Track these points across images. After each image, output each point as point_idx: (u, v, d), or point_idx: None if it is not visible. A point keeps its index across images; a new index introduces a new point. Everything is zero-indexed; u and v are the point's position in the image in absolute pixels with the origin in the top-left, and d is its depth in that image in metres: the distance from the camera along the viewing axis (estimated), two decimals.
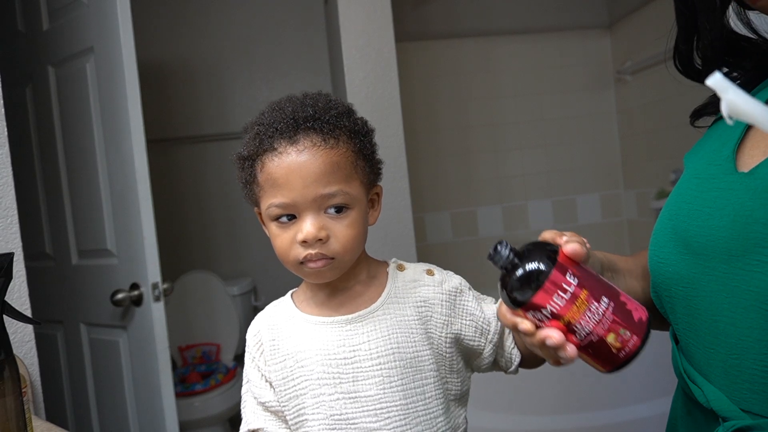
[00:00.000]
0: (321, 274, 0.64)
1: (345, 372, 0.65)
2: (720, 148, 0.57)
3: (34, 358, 1.26)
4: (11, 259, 0.81)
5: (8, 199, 1.24)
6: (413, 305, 0.68)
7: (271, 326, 0.71)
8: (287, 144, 0.63)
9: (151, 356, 1.53)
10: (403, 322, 0.67)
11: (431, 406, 0.66)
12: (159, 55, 2.73)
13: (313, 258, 0.62)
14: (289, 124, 0.63)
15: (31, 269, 1.32)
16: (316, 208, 0.62)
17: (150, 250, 1.51)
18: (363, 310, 0.67)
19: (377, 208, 0.71)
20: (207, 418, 2.28)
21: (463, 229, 2.95)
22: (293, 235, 0.63)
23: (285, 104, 0.67)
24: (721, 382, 0.53)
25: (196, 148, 2.82)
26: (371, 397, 0.64)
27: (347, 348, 0.66)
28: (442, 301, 0.69)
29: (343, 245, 0.63)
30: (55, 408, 1.85)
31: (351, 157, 0.64)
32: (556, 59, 2.94)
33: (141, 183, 1.51)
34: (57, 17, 1.70)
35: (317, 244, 0.62)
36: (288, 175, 0.62)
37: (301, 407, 0.67)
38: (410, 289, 0.69)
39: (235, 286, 2.66)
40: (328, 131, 0.63)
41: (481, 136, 2.93)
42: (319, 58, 2.81)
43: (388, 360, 0.65)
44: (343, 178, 0.63)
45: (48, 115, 1.77)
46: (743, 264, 0.49)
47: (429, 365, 0.66)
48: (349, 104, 0.69)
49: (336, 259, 0.63)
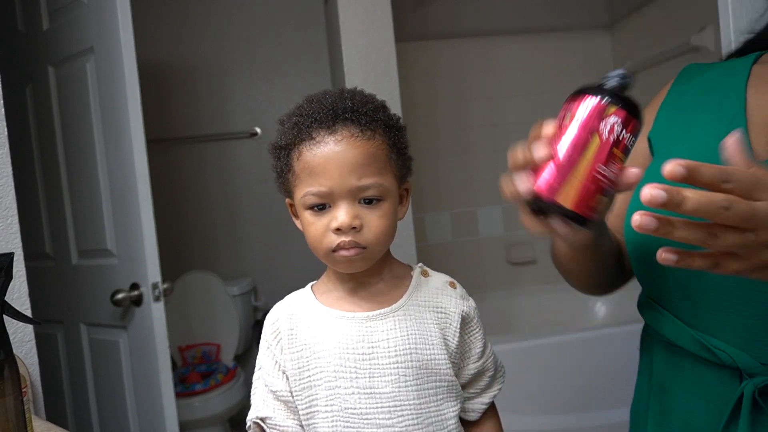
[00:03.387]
0: (352, 263, 0.66)
1: (362, 367, 0.66)
2: (719, 135, 0.57)
3: (34, 358, 1.26)
4: (11, 259, 0.81)
5: (8, 199, 1.24)
6: (433, 311, 0.70)
7: (290, 315, 0.72)
8: (326, 134, 0.64)
9: (151, 356, 1.53)
10: (423, 325, 0.68)
11: (443, 408, 0.68)
12: (159, 55, 2.73)
13: (345, 246, 0.64)
14: (328, 115, 0.65)
15: (31, 269, 1.31)
16: (350, 198, 0.63)
17: (150, 250, 1.51)
18: (385, 308, 0.69)
19: (406, 204, 0.72)
20: (207, 418, 2.28)
21: (463, 229, 2.95)
22: (327, 223, 0.64)
23: (323, 97, 0.68)
24: (739, 341, 0.56)
25: (196, 148, 2.82)
26: (386, 394, 0.66)
27: (366, 344, 0.67)
28: (459, 314, 0.70)
29: (375, 235, 0.64)
30: (55, 408, 1.85)
31: (386, 149, 0.66)
32: (556, 59, 2.94)
33: (141, 183, 1.50)
34: (57, 17, 1.70)
35: (351, 232, 0.63)
36: (326, 163, 0.63)
37: (314, 398, 0.68)
38: (432, 296, 0.71)
39: (235, 286, 2.65)
40: (366, 123, 0.65)
41: (481, 136, 2.93)
42: (319, 58, 2.81)
43: (405, 359, 0.66)
44: (378, 170, 0.64)
45: (48, 115, 1.77)
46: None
47: (445, 369, 0.68)
48: (382, 100, 0.71)
49: (368, 248, 0.65)
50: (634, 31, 2.75)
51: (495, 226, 2.97)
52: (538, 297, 2.87)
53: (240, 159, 2.84)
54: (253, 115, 2.84)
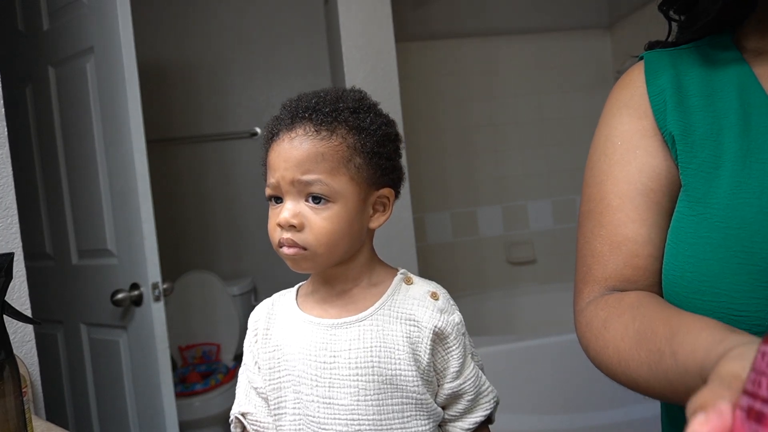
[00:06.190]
0: (295, 262, 0.64)
1: (323, 376, 0.65)
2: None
3: (34, 358, 1.26)
4: (11, 259, 0.81)
5: (8, 199, 1.24)
6: (405, 322, 0.65)
7: (269, 315, 0.72)
8: (285, 131, 0.65)
9: (151, 356, 1.53)
10: (389, 338, 0.65)
11: (410, 426, 0.64)
12: (159, 55, 2.73)
13: (285, 243, 0.63)
14: (290, 113, 0.66)
15: (31, 269, 1.31)
16: (295, 194, 0.63)
17: (150, 250, 1.51)
18: (351, 316, 0.66)
19: (386, 213, 0.68)
20: (207, 418, 2.28)
21: (463, 229, 2.95)
22: (276, 217, 0.65)
23: (298, 98, 0.68)
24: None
25: (196, 148, 2.82)
26: (344, 406, 0.64)
27: (329, 352, 0.65)
28: (431, 329, 0.65)
29: (316, 237, 0.62)
30: (55, 408, 1.85)
31: (344, 151, 0.64)
32: (556, 59, 2.94)
33: (141, 183, 1.51)
34: (57, 17, 1.70)
35: (291, 230, 0.63)
36: (277, 157, 0.64)
37: (282, 400, 0.68)
38: (407, 306, 0.66)
39: (235, 286, 2.66)
40: (322, 122, 0.64)
41: (481, 136, 2.93)
42: (319, 58, 2.81)
43: (366, 372, 0.63)
44: (327, 170, 0.62)
45: (48, 115, 1.77)
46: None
47: (413, 386, 0.64)
48: (372, 102, 0.69)
49: (309, 250, 0.63)
50: (634, 31, 2.75)
51: (495, 226, 2.97)
52: (538, 297, 2.87)
53: (240, 159, 2.84)
54: (253, 115, 2.84)
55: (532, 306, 2.85)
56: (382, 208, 0.68)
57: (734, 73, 0.60)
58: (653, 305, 0.52)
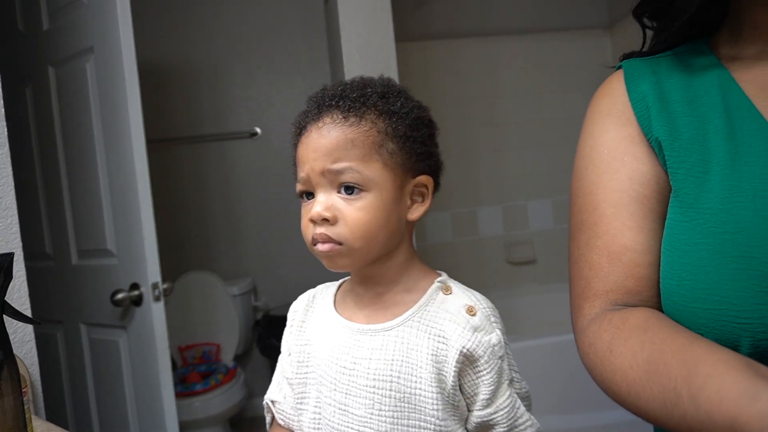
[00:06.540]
0: (331, 259, 0.59)
1: (341, 381, 0.61)
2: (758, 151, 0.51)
3: (34, 358, 1.26)
4: (11, 259, 0.81)
5: (8, 199, 1.24)
6: (432, 338, 0.59)
7: (307, 308, 0.70)
8: (312, 123, 0.61)
9: (151, 356, 1.53)
10: (413, 353, 0.59)
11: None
12: (159, 55, 2.74)
13: (319, 239, 0.59)
14: (316, 104, 0.63)
15: (31, 269, 1.31)
16: (327, 185, 0.59)
17: (150, 250, 1.51)
18: (377, 324, 0.62)
19: (425, 203, 0.64)
20: (207, 418, 2.28)
21: (463, 229, 2.95)
22: (308, 213, 0.60)
23: (324, 88, 0.65)
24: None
25: (196, 148, 2.82)
26: (358, 416, 0.60)
27: (350, 358, 0.61)
28: (458, 349, 0.58)
29: (351, 230, 0.58)
30: (55, 408, 1.85)
31: (374, 136, 0.59)
32: (556, 59, 2.94)
33: (141, 183, 1.50)
34: (57, 17, 1.70)
35: (325, 224, 0.58)
36: (305, 149, 0.61)
37: (306, 396, 0.67)
38: (440, 319, 0.60)
39: (235, 286, 2.66)
40: (350, 108, 0.60)
41: (481, 136, 2.93)
42: (319, 58, 2.81)
43: (383, 386, 0.59)
44: (359, 156, 0.58)
45: (48, 115, 1.77)
46: None
47: (432, 409, 0.58)
48: (401, 87, 0.65)
49: (344, 245, 0.58)
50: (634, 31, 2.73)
51: (495, 226, 2.97)
52: (538, 297, 2.87)
53: (240, 159, 2.84)
54: (253, 115, 2.84)
55: (532, 306, 2.85)
56: (420, 198, 0.64)
57: (714, 77, 0.59)
58: (661, 329, 0.51)
